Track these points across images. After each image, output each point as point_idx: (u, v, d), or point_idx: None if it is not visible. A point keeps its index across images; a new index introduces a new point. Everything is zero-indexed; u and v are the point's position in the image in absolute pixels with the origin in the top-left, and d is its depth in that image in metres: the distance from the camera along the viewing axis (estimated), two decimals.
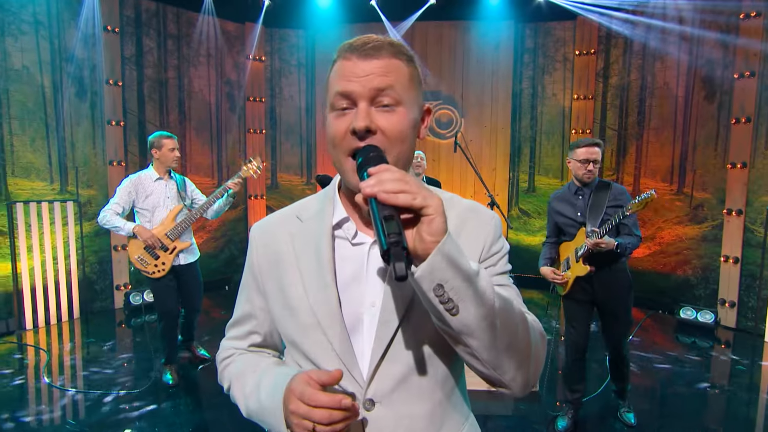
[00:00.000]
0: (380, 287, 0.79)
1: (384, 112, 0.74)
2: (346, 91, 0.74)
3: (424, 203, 0.59)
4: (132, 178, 3.30)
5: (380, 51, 0.75)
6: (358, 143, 0.73)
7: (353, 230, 0.82)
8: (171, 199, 3.33)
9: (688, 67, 5.10)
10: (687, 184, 5.17)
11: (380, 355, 0.77)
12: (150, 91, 5.51)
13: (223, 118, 6.20)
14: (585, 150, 2.67)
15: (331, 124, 0.77)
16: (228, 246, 6.33)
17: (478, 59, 6.14)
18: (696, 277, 5.12)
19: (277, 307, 0.85)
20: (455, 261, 0.62)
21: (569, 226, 2.78)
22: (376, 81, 0.74)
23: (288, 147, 6.58)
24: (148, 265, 3.21)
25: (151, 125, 5.51)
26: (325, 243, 0.81)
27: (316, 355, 0.80)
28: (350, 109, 0.75)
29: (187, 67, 5.82)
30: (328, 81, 0.79)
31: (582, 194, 2.74)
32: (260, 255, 0.89)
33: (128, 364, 3.84)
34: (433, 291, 0.62)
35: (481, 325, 0.65)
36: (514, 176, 6.31)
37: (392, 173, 0.61)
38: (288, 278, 0.83)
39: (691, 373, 3.85)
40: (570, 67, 5.99)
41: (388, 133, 0.74)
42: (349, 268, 0.81)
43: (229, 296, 5.95)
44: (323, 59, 6.36)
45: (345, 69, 0.76)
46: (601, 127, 5.89)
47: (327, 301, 0.79)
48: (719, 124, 4.89)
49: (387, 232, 0.56)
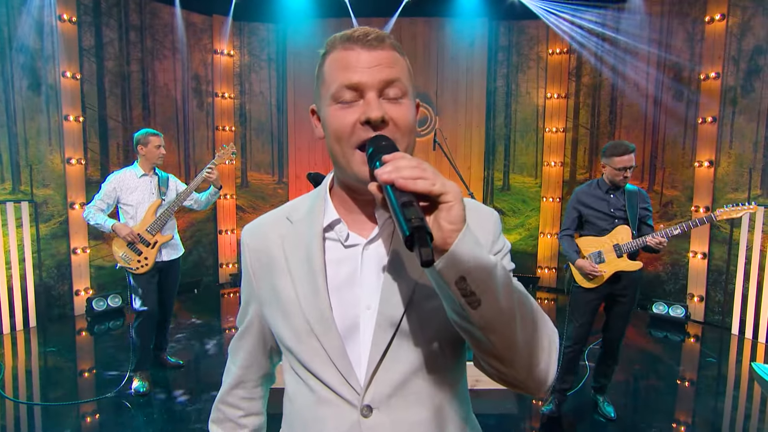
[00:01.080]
0: (375, 290, 0.78)
1: (392, 103, 0.74)
2: (354, 83, 0.73)
3: (443, 189, 0.59)
4: (117, 175, 3.37)
5: (384, 42, 0.75)
6: (370, 134, 0.72)
7: (345, 232, 0.81)
8: (155, 196, 3.40)
9: (657, 68, 5.28)
10: (657, 182, 5.34)
11: (377, 360, 0.76)
12: (111, 85, 5.33)
13: (191, 115, 6.07)
14: (621, 159, 2.77)
15: (335, 117, 0.75)
16: (196, 248, 6.20)
17: (452, 57, 6.16)
18: (666, 273, 5.30)
19: (272, 311, 0.85)
20: (477, 251, 0.61)
21: (600, 219, 2.88)
22: (385, 72, 0.73)
23: (258, 145, 6.50)
24: (131, 261, 3.26)
25: (113, 121, 5.35)
26: (316, 246, 0.80)
27: (311, 361, 0.79)
28: (356, 101, 0.74)
29: (151, 61, 5.67)
30: (323, 73, 0.78)
31: (613, 193, 2.87)
32: (252, 259, 0.88)
33: (90, 374, 3.72)
34: (456, 283, 0.61)
35: (502, 319, 0.64)
36: (489, 174, 6.38)
37: (408, 160, 0.60)
38: (280, 283, 0.83)
39: (664, 367, 3.98)
40: (543, 65, 6.10)
41: (399, 124, 0.74)
42: (342, 271, 0.80)
43: (198, 300, 5.82)
44: (295, 54, 6.30)
45: (348, 59, 0.74)
46: (573, 126, 6.03)
47: (319, 306, 0.78)
48: (687, 124, 5.08)
49: (408, 217, 0.55)
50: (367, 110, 0.72)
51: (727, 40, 4.74)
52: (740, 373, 3.95)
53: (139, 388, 3.29)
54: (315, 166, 6.38)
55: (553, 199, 6.21)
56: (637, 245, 2.76)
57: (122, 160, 5.39)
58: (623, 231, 2.82)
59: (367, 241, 0.80)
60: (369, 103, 0.72)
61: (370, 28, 0.76)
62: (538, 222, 6.30)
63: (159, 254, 3.36)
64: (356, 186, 0.79)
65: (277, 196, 6.57)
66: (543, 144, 6.18)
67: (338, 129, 0.74)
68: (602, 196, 2.90)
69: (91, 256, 5.18)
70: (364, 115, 0.72)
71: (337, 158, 0.77)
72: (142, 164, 3.39)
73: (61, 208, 4.96)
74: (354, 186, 0.80)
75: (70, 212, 5.01)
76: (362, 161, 0.73)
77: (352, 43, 0.75)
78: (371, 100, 0.72)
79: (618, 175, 2.80)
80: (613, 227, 2.84)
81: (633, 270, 2.81)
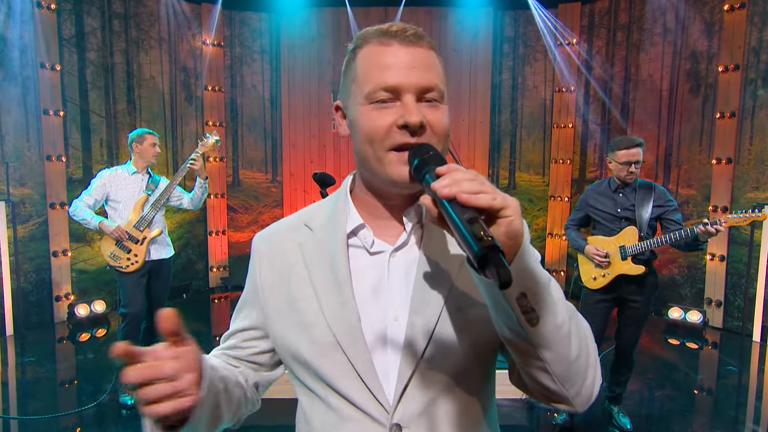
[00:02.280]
0: (404, 300, 0.78)
1: (429, 107, 0.74)
2: (392, 85, 0.72)
3: (504, 203, 0.58)
4: (109, 171, 3.42)
5: (422, 40, 0.76)
6: (408, 139, 0.72)
7: (370, 238, 0.81)
8: (142, 192, 3.43)
9: (672, 60, 5.21)
10: (672, 180, 5.29)
11: (408, 375, 0.75)
12: (94, 78, 5.24)
13: (179, 110, 5.99)
14: (626, 152, 2.74)
15: (369, 117, 0.74)
16: (185, 250, 6.12)
17: (455, 48, 6.10)
18: (682, 276, 5.24)
19: (285, 327, 0.82)
20: (535, 266, 0.62)
21: (607, 220, 2.87)
22: (424, 76, 0.73)
23: (251, 141, 6.44)
24: (120, 260, 3.27)
25: (96, 116, 5.26)
26: (341, 254, 0.80)
27: (335, 377, 0.77)
28: (392, 102, 0.73)
29: (137, 52, 5.58)
30: (355, 69, 0.77)
31: (623, 192, 2.84)
32: (265, 269, 0.87)
33: (72, 385, 3.66)
34: (517, 300, 0.61)
35: (557, 335, 0.65)
36: (494, 172, 6.32)
37: (465, 173, 0.60)
38: (300, 294, 0.82)
39: (681, 376, 3.94)
40: (552, 58, 6.04)
41: (436, 129, 0.74)
42: (367, 280, 0.79)
43: (187, 305, 5.77)
44: (289, 45, 6.24)
45: (386, 57, 0.74)
46: (583, 121, 5.98)
47: (347, 317, 0.77)
48: (704, 119, 5.01)
49: (477, 236, 0.54)
50: (405, 114, 0.72)
51: (747, 29, 4.67)
52: (762, 382, 3.90)
53: (127, 400, 3.21)
54: (311, 164, 6.34)
55: (562, 199, 6.15)
56: (643, 248, 2.72)
57: (106, 157, 5.33)
58: (630, 232, 2.79)
59: (394, 248, 0.80)
60: (408, 107, 0.72)
61: (406, 24, 0.76)
62: (546, 222, 6.27)
63: (147, 252, 3.35)
64: (385, 189, 0.79)
65: (270, 195, 6.52)
66: (551, 140, 6.14)
67: (372, 130, 0.74)
68: (610, 195, 2.89)
69: (73, 260, 5.10)
70: (402, 119, 0.72)
71: (368, 160, 0.76)
72: (136, 162, 3.43)
73: (40, 208, 4.87)
74: (382, 189, 0.80)
75: (50, 212, 4.93)
76: (399, 160, 0.73)
77: (389, 38, 0.75)
78: (410, 104, 0.72)
79: (622, 170, 2.77)
80: (621, 228, 2.83)
81: (635, 274, 2.77)
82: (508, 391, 0.89)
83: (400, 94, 0.73)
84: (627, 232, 2.80)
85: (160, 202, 3.39)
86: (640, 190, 2.82)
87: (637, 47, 5.45)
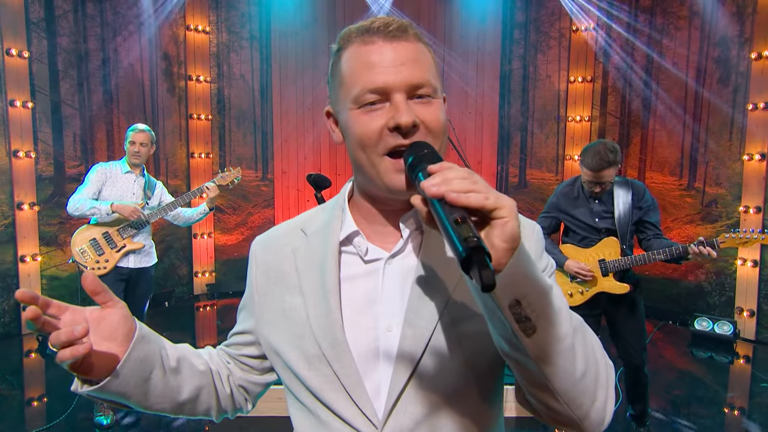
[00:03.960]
0: (398, 309, 0.79)
1: (422, 104, 0.75)
2: (379, 86, 0.74)
3: (497, 204, 0.58)
4: (104, 166, 3.47)
5: (407, 32, 0.76)
6: (400, 140, 0.73)
7: (364, 245, 0.82)
8: (136, 196, 3.47)
9: (699, 46, 5.12)
10: (698, 178, 5.20)
11: (399, 390, 0.76)
12: (66, 66, 5.13)
13: (160, 101, 5.90)
14: (592, 174, 2.62)
15: (359, 122, 0.76)
16: (167, 254, 6.03)
17: (461, 35, 6.07)
18: (710, 283, 5.15)
19: (276, 336, 0.86)
20: (532, 271, 0.62)
21: (582, 230, 2.80)
22: (413, 73, 0.74)
23: (239, 136, 6.39)
24: (87, 260, 3.28)
25: (69, 107, 5.15)
26: (331, 262, 0.82)
27: (323, 390, 0.79)
28: (381, 104, 0.75)
29: (113, 37, 5.48)
30: (340, 72, 0.78)
31: (600, 197, 2.74)
32: (260, 273, 0.91)
33: (40, 402, 3.60)
34: (510, 308, 0.62)
35: (559, 348, 0.65)
36: (503, 170, 6.27)
37: (457, 171, 0.61)
38: (290, 301, 0.85)
39: (709, 393, 3.86)
40: (566, 44, 5.99)
41: (430, 126, 0.75)
42: (361, 289, 0.82)
43: (170, 314, 5.71)
44: (280, 32, 6.20)
45: (370, 56, 0.75)
46: (601, 114, 5.92)
47: (331, 328, 0.79)
48: (735, 111, 4.92)
49: (463, 237, 0.55)
50: (396, 115, 0.73)
51: None
52: None
53: (102, 420, 3.15)
54: (305, 161, 6.32)
55: None
56: (627, 265, 2.65)
57: (80, 153, 5.24)
58: (610, 244, 2.71)
59: (389, 255, 0.82)
60: (398, 108, 0.73)
61: (389, 17, 0.77)
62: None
63: (125, 260, 3.37)
64: (382, 195, 0.80)
65: (261, 194, 6.49)
66: (565, 135, 6.09)
67: (363, 136, 0.75)
68: (585, 201, 2.78)
69: (43, 265, 4.99)
70: (392, 121, 0.73)
71: (362, 166, 0.78)
72: (128, 160, 3.50)
73: (6, 209, 4.77)
74: (379, 195, 0.81)
75: (18, 214, 4.83)
76: (393, 168, 0.75)
77: (371, 36, 0.76)
78: (399, 104, 0.73)
79: (588, 185, 2.69)
80: (600, 239, 2.76)
81: (619, 293, 2.70)
82: None
83: (389, 95, 0.74)
84: (607, 244, 2.70)
85: (153, 217, 3.44)
86: (618, 191, 2.70)
87: (661, 32, 5.38)
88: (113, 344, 0.74)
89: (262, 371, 0.96)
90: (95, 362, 0.72)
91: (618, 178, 2.74)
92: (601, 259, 2.70)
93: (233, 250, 6.41)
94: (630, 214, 2.67)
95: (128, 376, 0.75)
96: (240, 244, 6.43)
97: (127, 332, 0.75)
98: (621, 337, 2.82)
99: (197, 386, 0.88)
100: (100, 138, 5.33)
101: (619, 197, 2.69)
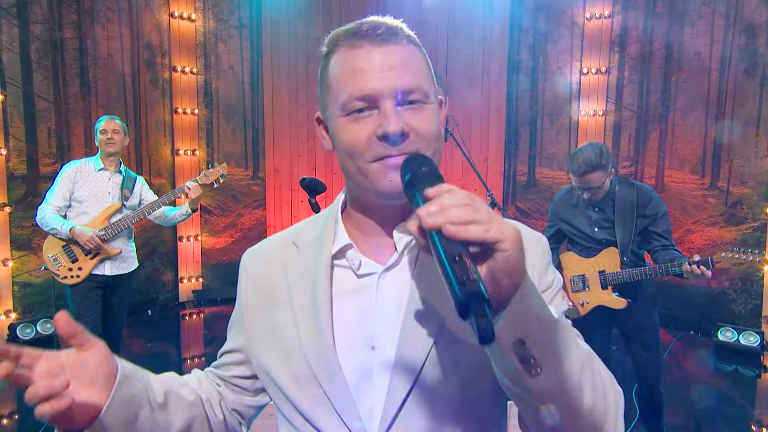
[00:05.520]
0: (392, 327, 0.80)
1: (412, 110, 0.76)
2: (366, 93, 0.75)
3: (499, 236, 0.57)
4: (74, 164, 3.41)
5: (396, 35, 0.77)
6: (390, 150, 0.75)
7: (358, 259, 0.84)
8: (112, 196, 3.44)
9: (723, 34, 5.06)
10: (722, 177, 5.13)
11: (393, 413, 0.77)
12: (39, 56, 5.05)
13: (142, 94, 5.85)
14: (576, 179, 2.63)
15: (346, 130, 0.78)
16: (151, 258, 5.98)
17: (465, 24, 6.00)
18: (735, 290, 5.07)
19: (266, 355, 0.87)
20: (538, 308, 0.62)
21: (583, 239, 2.80)
22: (402, 78, 0.75)
23: (228, 132, 6.36)
24: (60, 267, 3.25)
25: (43, 100, 5.07)
26: (322, 277, 0.83)
27: (314, 412, 0.81)
28: (369, 111, 0.76)
29: (91, 25, 5.40)
30: (328, 78, 0.81)
31: (599, 204, 2.72)
32: (249, 288, 0.93)
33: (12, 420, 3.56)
34: (513, 347, 0.61)
35: (565, 388, 0.65)
36: (511, 168, 6.22)
37: (455, 196, 0.60)
38: (280, 318, 0.86)
39: (735, 410, 3.81)
40: (579, 33, 5.91)
41: (421, 133, 0.76)
42: (353, 305, 0.83)
43: (153, 323, 5.68)
44: (272, 20, 6.17)
45: (357, 62, 0.76)
46: (616, 107, 5.85)
47: (322, 348, 0.80)
48: (762, 104, 4.86)
49: (460, 278, 0.54)
50: (384, 123, 0.74)
51: None
52: None
53: None
54: (298, 158, 6.30)
55: None
56: (625, 278, 2.64)
57: (55, 150, 5.16)
58: (610, 255, 2.70)
59: (384, 269, 0.83)
60: (386, 115, 0.75)
61: (379, 19, 0.79)
62: None
63: (101, 266, 3.36)
64: (375, 202, 0.82)
65: (251, 194, 6.49)
66: (577, 130, 5.99)
67: (350, 144, 0.77)
68: (584, 209, 2.78)
69: (15, 271, 4.89)
70: (380, 129, 0.74)
71: (351, 175, 0.81)
72: (101, 156, 3.45)
73: None
74: (372, 202, 0.83)
75: None
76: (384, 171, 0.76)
77: (359, 40, 0.77)
78: (388, 111, 0.75)
79: (580, 192, 2.69)
80: (600, 249, 2.77)
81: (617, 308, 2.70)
82: None
83: (377, 101, 0.75)
84: (607, 255, 2.71)
85: (133, 219, 3.40)
86: (620, 196, 2.66)
87: (682, 19, 5.31)
88: (94, 390, 0.71)
89: (255, 392, 0.96)
90: (76, 411, 0.69)
91: (623, 180, 2.73)
92: (601, 270, 2.71)
93: (222, 254, 6.36)
94: (632, 222, 2.64)
95: (113, 422, 0.73)
96: (229, 247, 6.38)
97: (108, 375, 0.72)
98: (635, 353, 2.80)
99: (187, 419, 0.87)
100: (77, 134, 5.24)
101: (620, 203, 2.66)
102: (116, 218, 3.40)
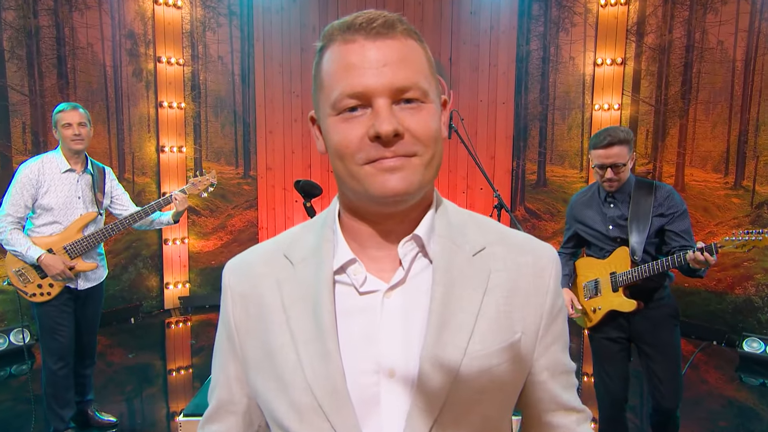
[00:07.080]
0: (400, 350, 0.78)
1: (409, 110, 0.75)
2: (358, 91, 0.74)
3: None
4: (32, 165, 3.10)
5: (393, 29, 0.76)
6: (382, 151, 0.74)
7: (362, 275, 0.82)
8: (83, 201, 3.22)
9: (750, 22, 5.01)
10: (747, 176, 5.09)
11: None
12: (13, 45, 4.98)
13: (125, 86, 5.81)
14: (599, 153, 2.60)
15: (336, 130, 0.77)
16: (134, 262, 5.96)
17: (471, 11, 6.02)
18: (761, 298, 5.03)
19: (261, 379, 0.84)
20: None
21: (598, 240, 2.80)
22: (398, 74, 0.74)
23: (217, 127, 6.34)
24: (28, 284, 3.07)
25: (17, 93, 5.01)
26: (326, 296, 0.81)
27: None
28: (362, 109, 0.75)
29: (69, 12, 5.35)
30: (321, 74, 0.79)
31: (614, 201, 2.73)
32: (237, 308, 0.89)
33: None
34: None
35: None
36: (519, 165, 6.22)
37: None
38: (276, 341, 0.83)
39: (761, 426, 3.79)
40: (593, 21, 5.88)
41: (418, 135, 0.75)
42: (356, 325, 0.80)
43: (136, 332, 5.65)
44: (264, 7, 6.18)
45: (350, 57, 0.75)
46: (632, 101, 5.82)
47: (330, 374, 0.77)
48: None
49: None
50: (376, 123, 0.74)
51: None
52: None
53: None
54: (292, 155, 6.29)
55: None
56: (634, 278, 2.61)
57: (30, 146, 5.10)
58: (621, 255, 2.68)
59: (389, 286, 0.81)
60: (378, 114, 0.74)
61: (375, 12, 0.77)
62: None
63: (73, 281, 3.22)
64: (371, 209, 0.81)
65: (242, 193, 6.50)
66: (591, 125, 5.95)
67: (340, 145, 0.77)
68: (599, 206, 2.78)
69: None
70: (372, 129, 0.74)
71: (343, 179, 0.80)
72: (64, 153, 3.19)
73: None
74: (367, 210, 0.82)
75: None
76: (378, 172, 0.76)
77: (353, 34, 0.76)
78: (381, 110, 0.74)
79: (597, 176, 2.68)
80: (614, 249, 2.75)
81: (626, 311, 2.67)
82: None
83: (370, 100, 0.74)
84: (618, 255, 2.69)
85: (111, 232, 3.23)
86: (637, 194, 2.64)
87: (704, 6, 5.26)
88: None
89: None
90: None
91: (641, 179, 2.71)
92: (612, 272, 2.70)
93: (210, 258, 6.34)
94: (648, 221, 2.61)
95: None
96: (218, 250, 6.36)
97: None
98: (651, 372, 2.75)
99: None
100: None
101: (636, 201, 2.65)
102: (91, 229, 3.23)
